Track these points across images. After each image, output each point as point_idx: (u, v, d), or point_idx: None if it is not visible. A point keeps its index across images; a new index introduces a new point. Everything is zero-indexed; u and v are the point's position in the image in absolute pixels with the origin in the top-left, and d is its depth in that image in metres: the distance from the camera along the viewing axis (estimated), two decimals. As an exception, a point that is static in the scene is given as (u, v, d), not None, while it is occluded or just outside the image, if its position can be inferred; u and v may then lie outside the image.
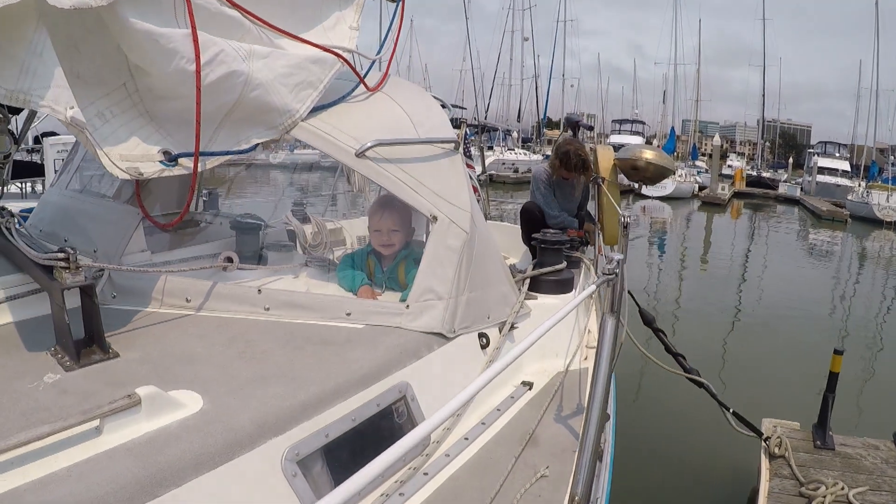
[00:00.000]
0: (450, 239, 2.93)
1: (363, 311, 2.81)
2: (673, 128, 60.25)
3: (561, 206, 5.52)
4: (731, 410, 5.46)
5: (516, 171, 46.09)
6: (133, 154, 2.40)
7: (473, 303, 3.03)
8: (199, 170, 2.52)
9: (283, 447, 1.95)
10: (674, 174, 11.31)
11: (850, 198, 40.60)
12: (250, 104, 2.62)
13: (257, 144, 2.74)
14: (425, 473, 2.38)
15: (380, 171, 2.90)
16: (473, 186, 7.16)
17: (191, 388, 2.02)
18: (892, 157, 54.54)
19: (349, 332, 2.67)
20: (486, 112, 63.18)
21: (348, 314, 2.78)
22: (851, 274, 21.24)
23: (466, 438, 2.67)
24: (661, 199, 39.81)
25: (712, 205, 40.68)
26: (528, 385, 3.27)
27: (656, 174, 5.78)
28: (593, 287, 2.94)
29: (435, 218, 2.92)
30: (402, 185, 2.93)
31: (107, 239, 3.06)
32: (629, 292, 6.19)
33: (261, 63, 2.59)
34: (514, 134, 61.86)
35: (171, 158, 2.45)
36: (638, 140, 53.59)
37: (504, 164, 47.53)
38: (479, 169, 7.60)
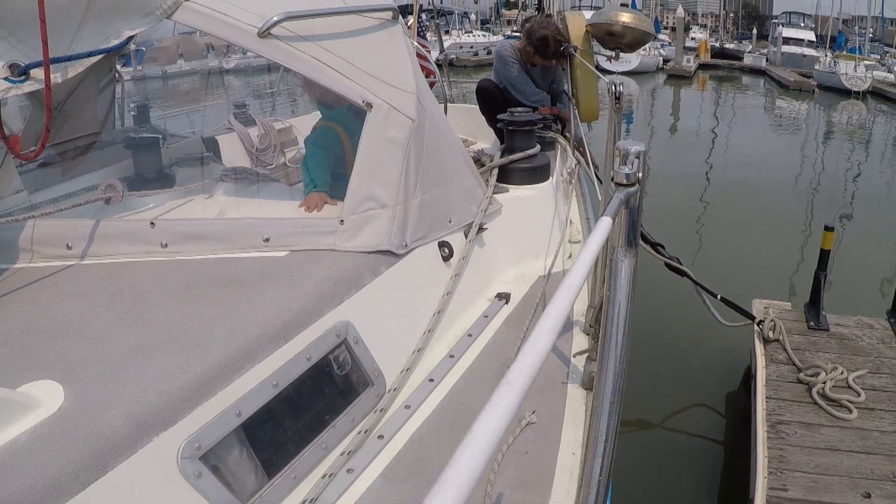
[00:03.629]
0: (391, 129, 2.36)
1: (285, 233, 2.28)
2: (634, 0, 58.60)
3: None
4: (718, 296, 5.12)
5: (475, 54, 44.82)
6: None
7: (428, 206, 2.51)
8: (59, 81, 1.99)
9: (178, 442, 1.49)
10: (654, 38, 10.71)
11: (817, 68, 40.39)
12: None
13: (131, 38, 2.21)
14: (380, 437, 1.92)
15: (292, 53, 2.30)
16: (429, 69, 6.66)
17: (52, 375, 1.52)
18: (857, 28, 54.33)
19: (267, 263, 2.15)
20: (442, -5, 61.03)
21: (266, 240, 2.24)
22: (828, 145, 20.97)
23: (431, 380, 2.20)
24: (626, 74, 39.00)
25: (678, 77, 40.03)
26: (505, 297, 2.80)
27: (635, 40, 5.07)
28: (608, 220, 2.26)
29: (370, 105, 2.35)
30: (322, 68, 2.33)
31: None
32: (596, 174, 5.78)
33: None
34: (472, 17, 59.97)
35: (19, 72, 1.94)
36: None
37: (462, 47, 45.97)
38: (436, 52, 7.07)
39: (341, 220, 2.28)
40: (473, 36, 50.87)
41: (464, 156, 2.93)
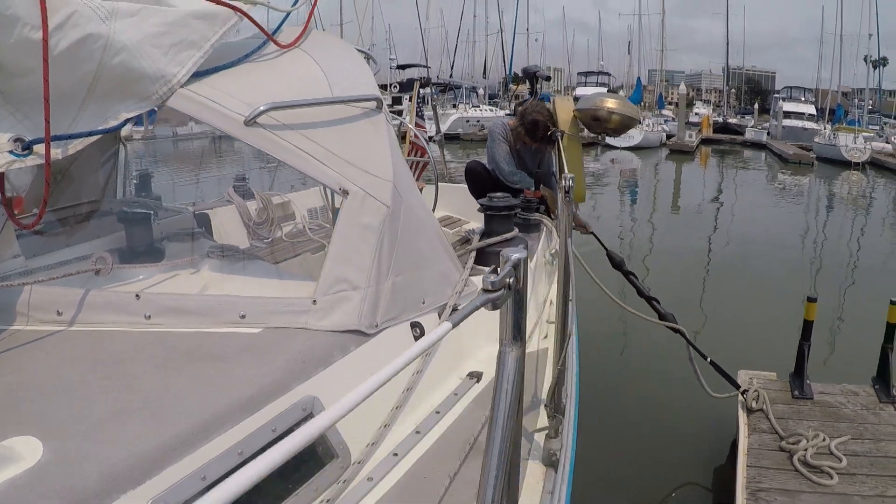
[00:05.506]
0: (365, 216, 2.49)
1: (260, 311, 2.35)
2: (639, 78, 59.86)
3: (518, 166, 5.22)
4: (708, 360, 5.26)
5: (482, 128, 45.34)
6: (-18, 143, 2.02)
7: (402, 288, 2.60)
8: (59, 157, 2.15)
9: (145, 501, 1.57)
10: (639, 123, 10.95)
11: (817, 140, 41.09)
12: (115, 73, 2.21)
13: (127, 120, 2.35)
14: None
15: (276, 142, 2.44)
16: (422, 148, 6.92)
17: (33, 432, 1.65)
18: (856, 100, 55.19)
19: (242, 339, 2.23)
20: (452, 70, 62.42)
21: (242, 316, 2.33)
22: (827, 216, 21.27)
23: (396, 454, 2.26)
24: (630, 149, 39.72)
25: (681, 153, 40.63)
26: (477, 376, 2.85)
27: (620, 124, 5.32)
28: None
29: (346, 192, 2.47)
30: (303, 157, 2.47)
31: None
32: (595, 234, 5.95)
33: (126, 23, 2.20)
34: (480, 91, 61.13)
35: (24, 146, 2.07)
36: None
37: (468, 121, 46.76)
38: (433, 129, 7.30)
39: (314, 301, 2.35)
40: (480, 110, 51.61)
41: (441, 240, 3.01)
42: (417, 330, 2.66)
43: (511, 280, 1.36)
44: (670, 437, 5.95)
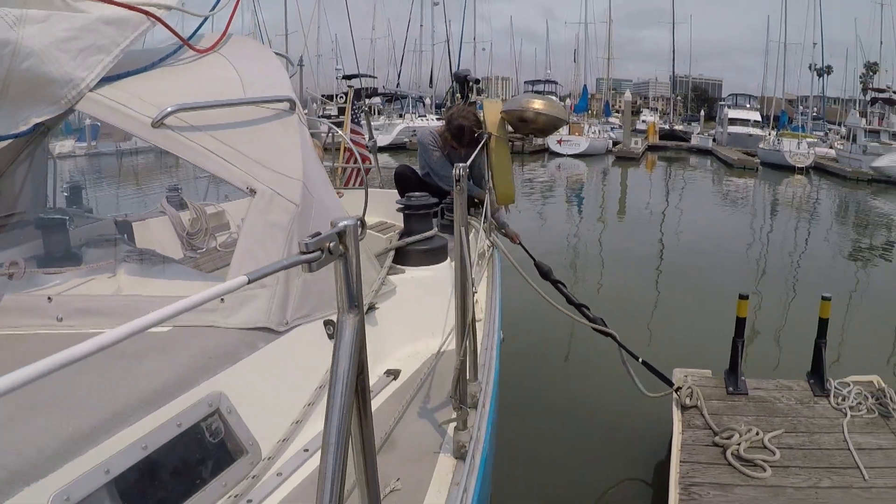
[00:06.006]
0: (273, 214, 2.50)
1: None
2: (585, 86, 60.47)
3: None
4: (640, 360, 5.28)
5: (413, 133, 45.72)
6: None
7: (313, 286, 2.59)
8: None
9: (49, 492, 1.58)
10: (567, 123, 11.05)
11: (762, 146, 42.17)
12: (24, 78, 2.24)
13: (38, 124, 2.37)
14: (248, 501, 2.00)
15: (183, 143, 2.46)
16: (364, 156, 6.89)
17: None
18: (801, 107, 56.67)
19: (151, 338, 2.21)
20: (399, 79, 62.43)
21: None
22: (767, 219, 21.75)
23: (306, 450, 2.28)
24: (576, 156, 40.17)
25: (627, 159, 41.25)
26: (394, 374, 2.91)
27: (547, 125, 5.30)
28: None
29: (253, 190, 2.51)
30: (210, 157, 2.50)
31: None
32: (522, 245, 5.99)
33: (35, 28, 2.24)
34: (427, 100, 61.27)
35: None
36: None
37: (415, 131, 46.92)
38: (367, 136, 7.32)
39: (222, 299, 2.34)
40: (427, 120, 51.85)
41: None
42: (331, 328, 2.66)
43: (332, 244, 1.29)
44: (610, 437, 5.95)
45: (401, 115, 49.16)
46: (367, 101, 49.18)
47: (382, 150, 36.59)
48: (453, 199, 2.89)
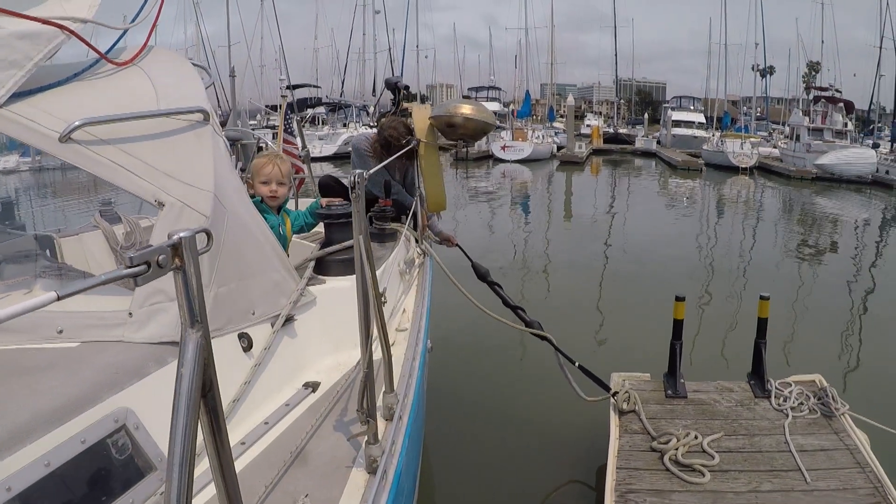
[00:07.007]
0: (182, 226, 2.38)
1: (77, 325, 2.32)
2: (528, 91, 60.72)
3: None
4: (577, 364, 5.21)
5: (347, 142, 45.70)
6: None
7: (226, 299, 2.56)
8: None
9: None
10: (495, 128, 11.02)
11: (705, 147, 43.03)
12: None
13: None
14: None
15: (90, 157, 2.40)
16: (297, 166, 6.73)
17: None
18: (744, 108, 57.94)
19: (57, 354, 2.19)
20: (343, 88, 62.07)
21: (60, 331, 2.30)
22: (709, 219, 22.09)
23: None
24: (520, 161, 40.42)
25: (571, 163, 41.61)
26: (312, 386, 2.83)
27: (476, 130, 5.29)
28: None
29: (161, 203, 2.44)
30: (118, 170, 2.43)
31: None
32: (460, 247, 5.89)
33: None
34: (371, 109, 61.29)
35: None
36: (496, 107, 53.97)
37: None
38: (301, 145, 7.22)
39: (130, 313, 2.33)
40: (370, 129, 51.70)
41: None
42: (245, 341, 2.67)
43: (162, 258, 1.20)
44: (548, 444, 5.87)
45: (345, 125, 48.89)
46: (310, 111, 48.96)
47: (327, 159, 36.35)
48: (381, 206, 2.81)
